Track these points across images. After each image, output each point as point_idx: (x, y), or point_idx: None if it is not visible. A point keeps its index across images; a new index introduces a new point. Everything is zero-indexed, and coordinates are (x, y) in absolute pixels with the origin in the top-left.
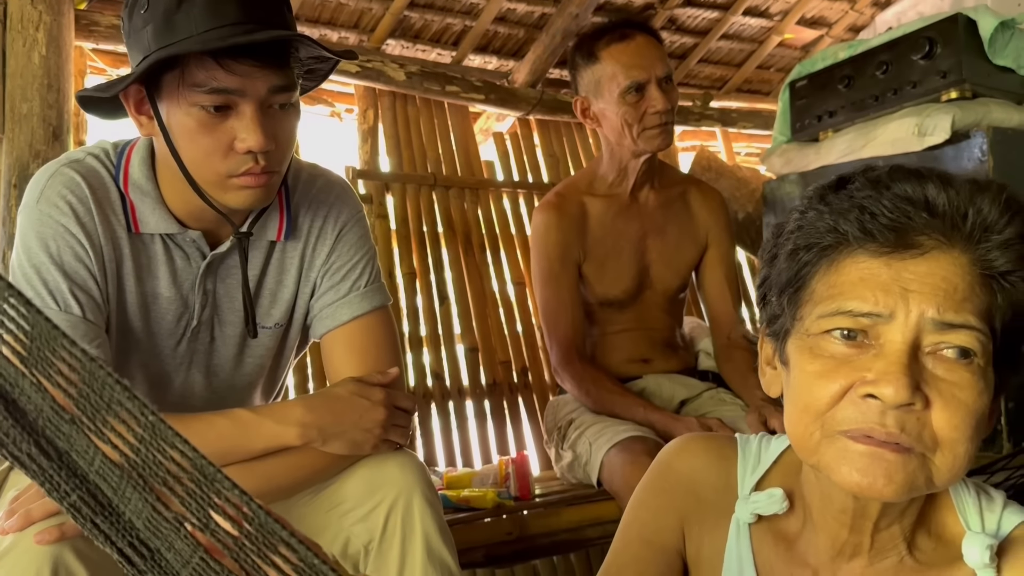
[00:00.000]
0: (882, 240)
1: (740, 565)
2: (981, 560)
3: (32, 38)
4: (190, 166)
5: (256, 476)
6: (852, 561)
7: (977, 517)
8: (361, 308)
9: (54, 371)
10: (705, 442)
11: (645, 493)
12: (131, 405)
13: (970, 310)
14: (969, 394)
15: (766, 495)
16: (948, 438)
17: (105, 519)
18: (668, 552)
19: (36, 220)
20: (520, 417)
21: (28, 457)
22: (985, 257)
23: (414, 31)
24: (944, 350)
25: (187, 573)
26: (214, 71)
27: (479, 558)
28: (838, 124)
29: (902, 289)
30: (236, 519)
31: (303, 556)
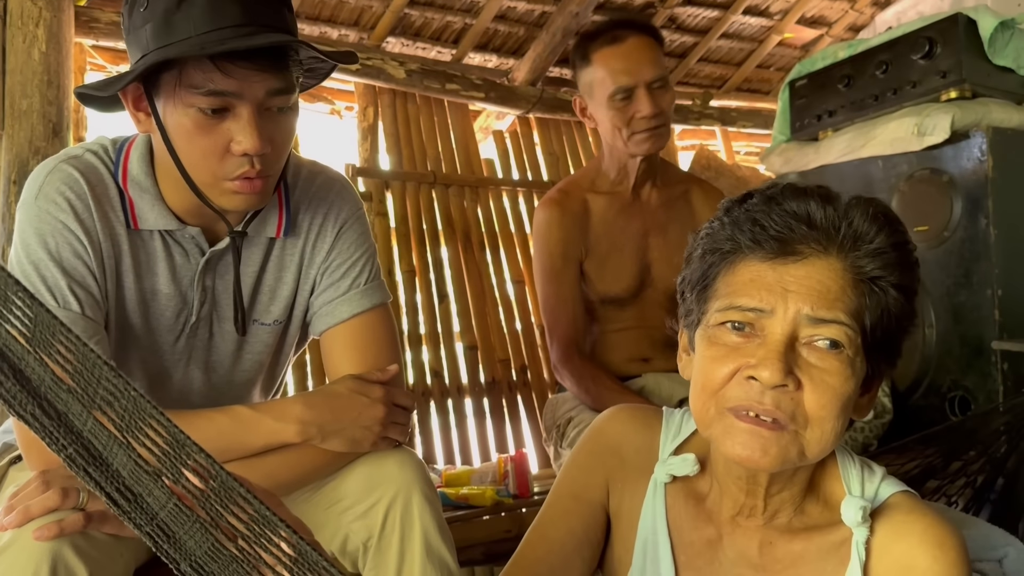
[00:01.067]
0: (768, 248)
1: (654, 519)
2: (855, 519)
3: (32, 34)
4: (187, 165)
5: (255, 473)
6: (749, 520)
7: (858, 485)
8: (361, 305)
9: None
10: (634, 411)
11: (577, 454)
12: (116, 382)
13: (840, 308)
14: (836, 379)
15: (680, 459)
16: (817, 416)
17: (96, 468)
18: (594, 506)
19: (35, 216)
20: (519, 415)
21: (32, 416)
22: (856, 263)
23: (414, 29)
24: (817, 341)
25: (164, 514)
26: (211, 74)
27: (478, 556)
28: (838, 123)
29: (783, 289)
30: (203, 476)
31: (257, 508)
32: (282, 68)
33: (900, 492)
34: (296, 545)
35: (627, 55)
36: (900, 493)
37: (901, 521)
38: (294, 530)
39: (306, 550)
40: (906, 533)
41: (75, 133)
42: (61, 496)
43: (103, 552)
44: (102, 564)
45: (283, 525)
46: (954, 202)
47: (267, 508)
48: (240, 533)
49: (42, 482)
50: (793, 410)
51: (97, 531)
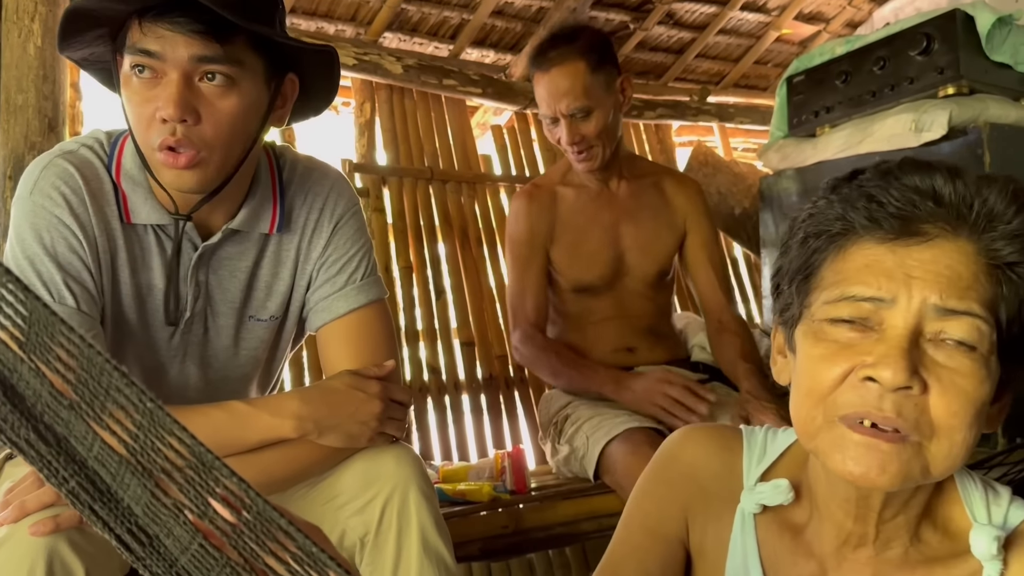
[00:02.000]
0: (888, 228)
1: (745, 555)
2: (988, 551)
3: (28, 29)
4: (136, 140)
5: (252, 468)
6: (857, 551)
7: (984, 510)
8: (357, 301)
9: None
10: (709, 432)
11: (648, 483)
12: (129, 392)
13: (973, 298)
14: (969, 382)
15: (771, 485)
16: (946, 424)
17: (103, 505)
18: (671, 542)
19: (30, 211)
20: (516, 411)
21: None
22: (991, 247)
23: (411, 24)
24: (946, 338)
25: (185, 560)
26: (136, 33)
27: (475, 551)
28: (835, 120)
29: (905, 275)
30: (235, 507)
31: (301, 544)
32: (213, 36)
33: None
34: None
35: (548, 85)
36: None
37: None
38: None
39: None
40: None
41: (71, 128)
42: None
43: (99, 548)
44: (98, 560)
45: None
46: None
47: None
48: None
49: (38, 477)
50: (917, 418)
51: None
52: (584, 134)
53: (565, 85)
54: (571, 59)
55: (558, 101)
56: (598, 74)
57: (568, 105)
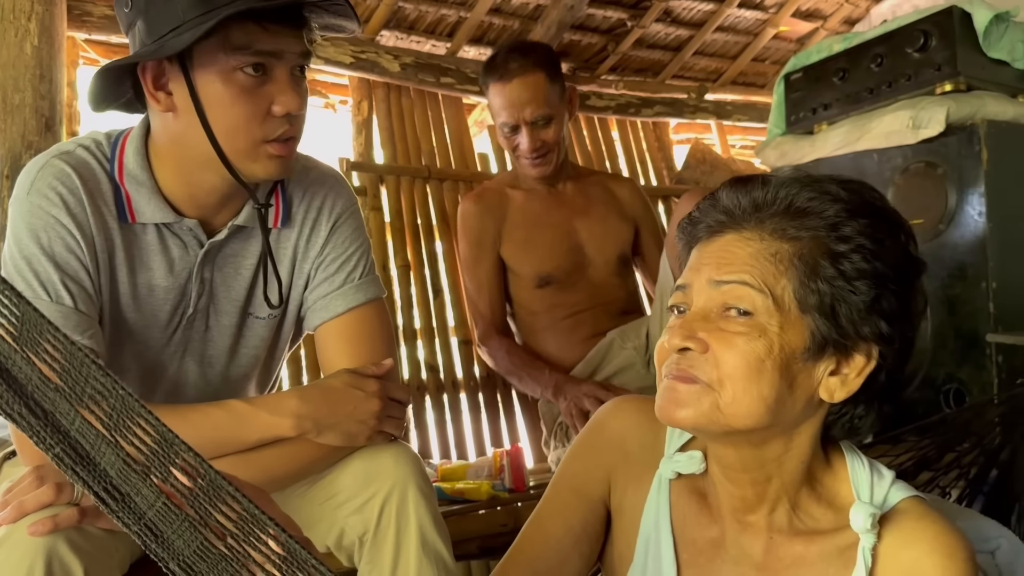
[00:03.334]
0: (701, 236)
1: (658, 516)
2: (864, 525)
3: (24, 28)
4: (224, 136)
5: (251, 467)
6: (748, 516)
7: (867, 489)
8: (356, 300)
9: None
10: (639, 404)
11: (578, 447)
12: (104, 380)
13: (744, 271)
14: (741, 339)
15: (687, 456)
16: (725, 374)
17: (84, 468)
18: (594, 501)
19: (27, 212)
20: (514, 410)
21: (19, 415)
22: (769, 227)
23: (409, 22)
24: (728, 307)
25: (152, 514)
26: (256, 34)
27: (474, 550)
28: (833, 117)
29: (699, 264)
30: (191, 474)
31: (245, 506)
32: (306, 31)
33: (910, 498)
34: (285, 543)
35: (511, 94)
36: (910, 499)
37: (910, 528)
38: (283, 528)
39: (295, 548)
40: (915, 541)
41: (68, 128)
42: (55, 491)
43: (98, 547)
44: (97, 559)
45: (271, 523)
46: (949, 195)
47: (255, 506)
48: (229, 531)
49: (36, 477)
50: (703, 367)
51: (92, 526)
52: (544, 140)
53: (527, 95)
54: (531, 70)
55: (521, 110)
56: (554, 85)
57: (532, 113)
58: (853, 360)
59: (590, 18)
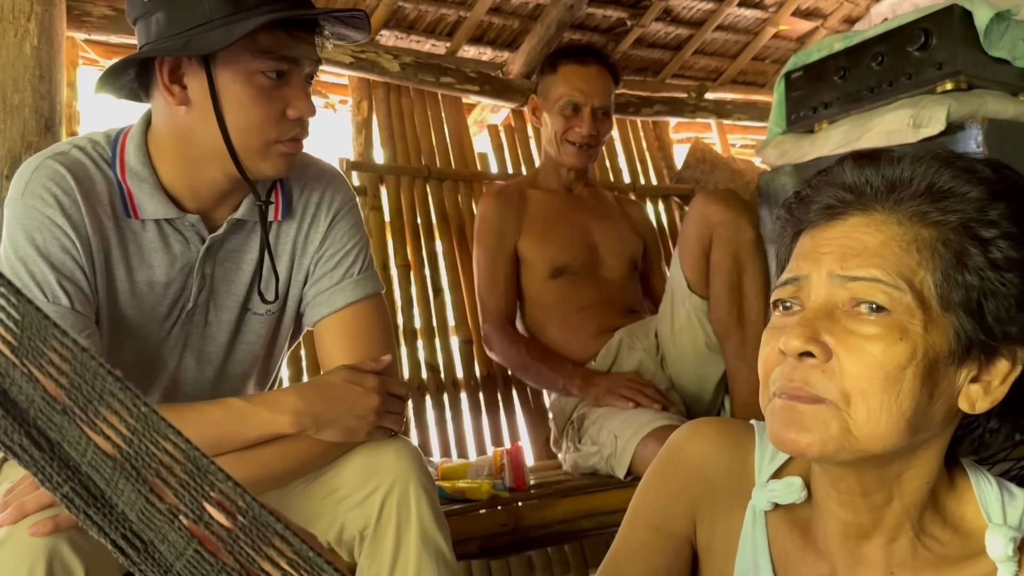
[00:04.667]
0: (816, 220)
1: (755, 553)
2: (1004, 553)
3: (24, 28)
4: (238, 134)
5: (250, 465)
6: (864, 545)
7: (999, 511)
8: (355, 295)
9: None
10: (719, 426)
11: (655, 479)
12: (123, 396)
13: (876, 264)
14: (877, 345)
15: (784, 483)
16: (856, 388)
17: (98, 511)
18: (677, 539)
19: (22, 213)
20: (514, 409)
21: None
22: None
23: (408, 22)
24: (858, 304)
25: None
26: (283, 39)
27: (474, 549)
28: (833, 116)
29: (817, 253)
30: (230, 511)
31: (298, 549)
32: (319, 39)
33: None
34: None
35: (586, 77)
36: None
37: None
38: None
39: None
40: None
41: (68, 128)
42: None
43: (99, 548)
44: (98, 560)
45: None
46: None
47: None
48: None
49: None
50: (827, 383)
51: None
52: (599, 131)
53: (601, 84)
54: (606, 69)
55: (592, 94)
56: (613, 94)
57: (600, 100)
58: (996, 365)
59: (590, 17)
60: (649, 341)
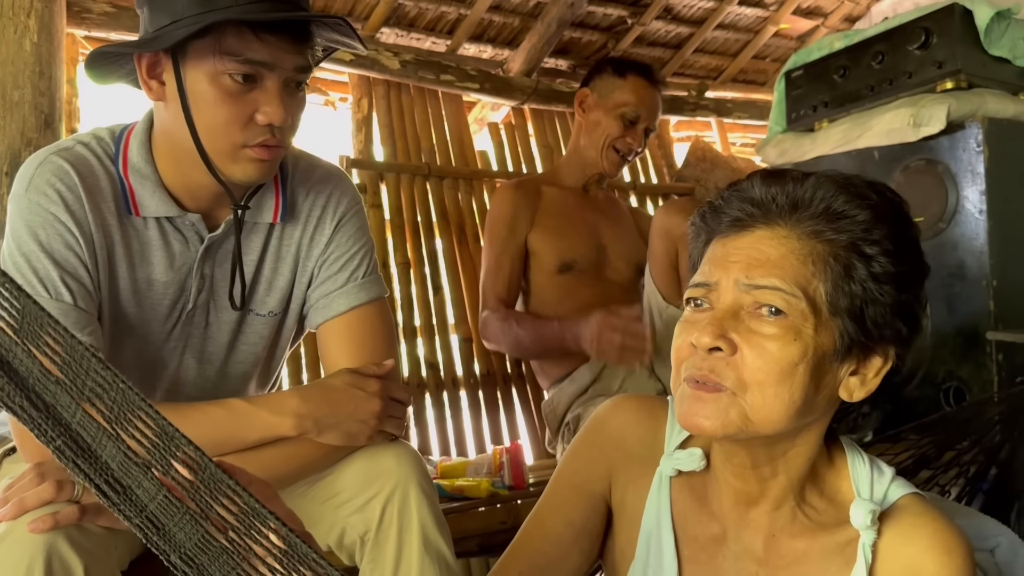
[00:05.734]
0: (726, 229)
1: (659, 513)
2: (864, 522)
3: (24, 25)
4: (205, 134)
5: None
6: (751, 510)
7: (867, 485)
8: (358, 299)
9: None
10: (639, 402)
11: (579, 444)
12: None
13: (777, 274)
14: (774, 343)
15: (687, 453)
16: (753, 379)
17: (85, 460)
18: (595, 498)
19: (25, 209)
20: (514, 407)
21: (20, 408)
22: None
23: (409, 19)
24: (759, 309)
25: (153, 506)
26: (250, 42)
27: (473, 547)
28: (834, 114)
29: (727, 261)
30: (192, 467)
31: (246, 500)
32: (308, 46)
33: (909, 495)
34: (286, 537)
35: (650, 98)
36: (909, 495)
37: (910, 525)
38: (283, 522)
39: (295, 542)
40: (914, 537)
41: (67, 124)
42: (56, 488)
43: (98, 545)
44: (97, 557)
45: (272, 517)
46: (949, 193)
47: (256, 500)
48: (230, 525)
49: (37, 474)
50: (731, 374)
51: (92, 524)
52: (641, 148)
53: (657, 107)
54: (661, 94)
55: (652, 113)
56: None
57: (653, 121)
58: (872, 360)
59: (590, 15)
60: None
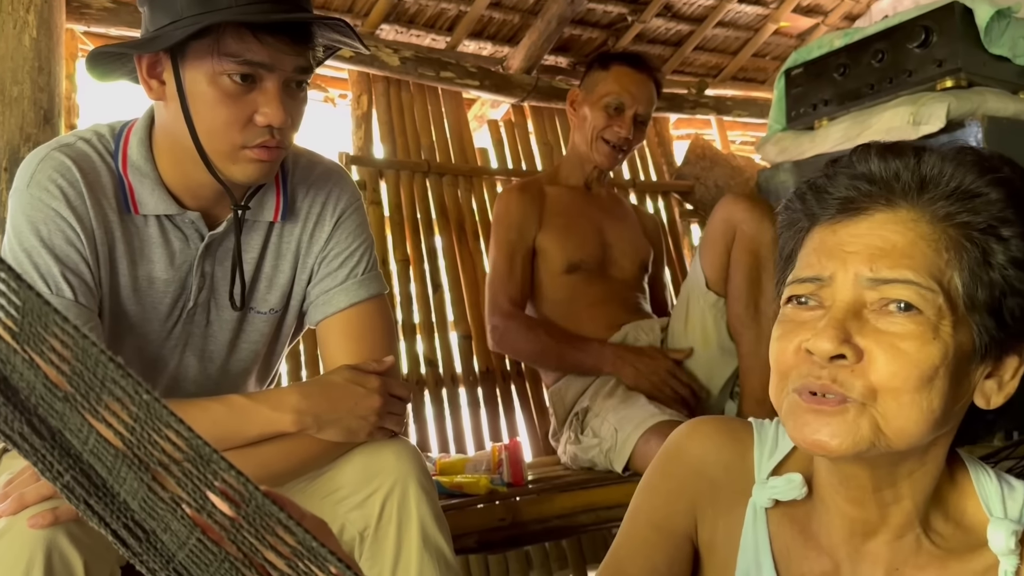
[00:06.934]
0: (834, 212)
1: (757, 550)
2: (1007, 546)
3: (23, 20)
4: (204, 135)
5: (251, 462)
6: (868, 542)
7: (1000, 504)
8: (358, 295)
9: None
10: (718, 424)
11: (656, 477)
12: (125, 383)
13: (907, 265)
14: (910, 344)
15: (785, 480)
16: (887, 386)
17: (99, 500)
18: (678, 537)
19: (27, 204)
20: (513, 404)
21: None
22: (934, 210)
23: (408, 16)
24: (886, 305)
25: (183, 555)
26: (249, 43)
27: (472, 544)
28: (833, 112)
29: (842, 252)
30: (233, 500)
31: (301, 539)
32: (309, 47)
33: None
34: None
35: (637, 82)
36: None
37: None
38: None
39: None
40: None
41: (66, 120)
42: None
43: (98, 540)
44: (97, 552)
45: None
46: None
47: (313, 538)
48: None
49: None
50: (857, 383)
51: None
52: (635, 137)
53: (647, 93)
54: (654, 79)
55: (638, 99)
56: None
57: (643, 108)
58: (1008, 361)
59: (590, 13)
60: (655, 335)
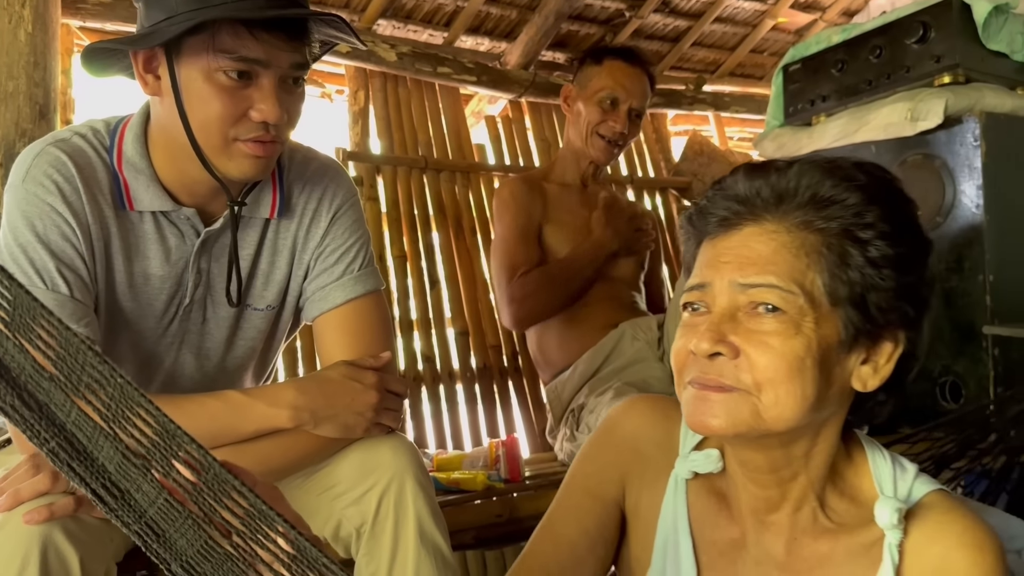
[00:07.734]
0: (715, 229)
1: (675, 517)
2: (890, 521)
3: (18, 15)
4: (198, 130)
5: (247, 458)
6: (771, 514)
7: (891, 483)
8: (354, 291)
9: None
10: (652, 403)
11: (591, 448)
12: (102, 368)
13: (771, 271)
14: (775, 340)
15: (704, 455)
16: (762, 378)
17: (80, 463)
18: (608, 503)
19: (22, 199)
20: (510, 400)
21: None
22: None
23: (405, 11)
24: (758, 307)
25: (153, 511)
26: (244, 40)
27: (469, 540)
28: (831, 108)
29: (719, 262)
30: (195, 468)
31: (252, 502)
32: (305, 43)
33: (935, 491)
34: (294, 541)
35: (631, 76)
36: (935, 492)
37: (937, 522)
38: (292, 525)
39: (305, 546)
40: (943, 535)
41: (62, 115)
42: (51, 479)
43: (94, 536)
44: (92, 548)
45: (280, 520)
46: (947, 187)
47: (263, 502)
48: (235, 529)
49: (32, 465)
50: (738, 375)
51: (88, 515)
52: (630, 131)
53: (642, 87)
54: (648, 73)
55: (633, 93)
56: (650, 98)
57: (638, 102)
58: (882, 347)
59: (588, 8)
60: (652, 334)
